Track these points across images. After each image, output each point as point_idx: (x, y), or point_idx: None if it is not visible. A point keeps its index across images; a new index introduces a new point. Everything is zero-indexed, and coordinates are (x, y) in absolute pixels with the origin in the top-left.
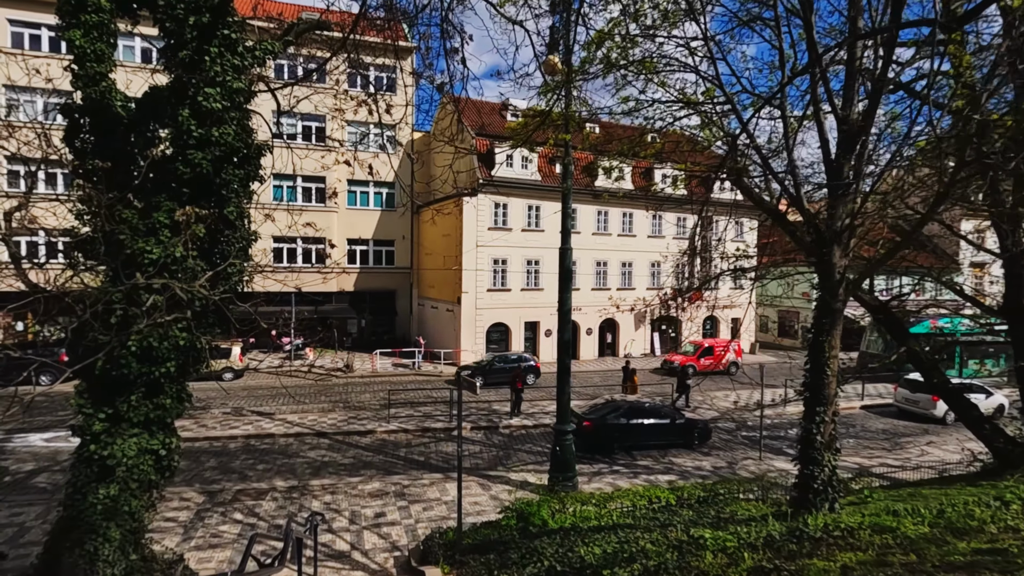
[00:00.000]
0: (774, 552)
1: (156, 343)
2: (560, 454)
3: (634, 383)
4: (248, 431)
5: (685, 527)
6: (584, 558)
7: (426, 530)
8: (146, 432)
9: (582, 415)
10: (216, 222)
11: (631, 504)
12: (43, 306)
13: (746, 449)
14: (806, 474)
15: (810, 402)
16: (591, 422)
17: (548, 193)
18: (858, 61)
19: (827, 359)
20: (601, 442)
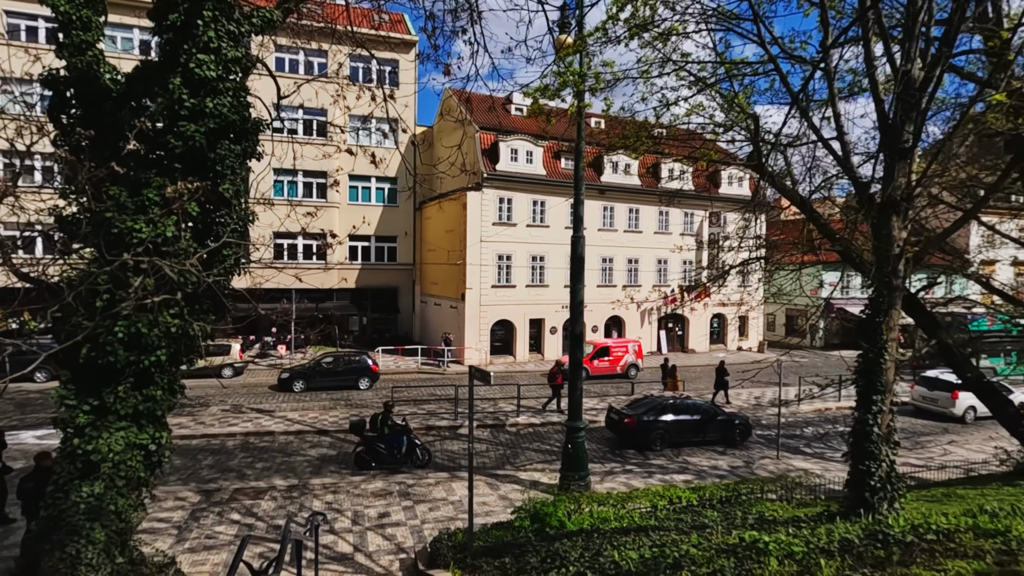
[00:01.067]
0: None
1: (145, 329)
2: (572, 452)
3: (675, 380)
4: (247, 428)
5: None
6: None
7: (433, 531)
8: (134, 425)
9: (622, 412)
10: (210, 199)
11: (650, 504)
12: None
13: (762, 448)
14: (861, 470)
15: (865, 390)
16: (633, 419)
17: (553, 188)
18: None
19: (885, 342)
20: (643, 439)
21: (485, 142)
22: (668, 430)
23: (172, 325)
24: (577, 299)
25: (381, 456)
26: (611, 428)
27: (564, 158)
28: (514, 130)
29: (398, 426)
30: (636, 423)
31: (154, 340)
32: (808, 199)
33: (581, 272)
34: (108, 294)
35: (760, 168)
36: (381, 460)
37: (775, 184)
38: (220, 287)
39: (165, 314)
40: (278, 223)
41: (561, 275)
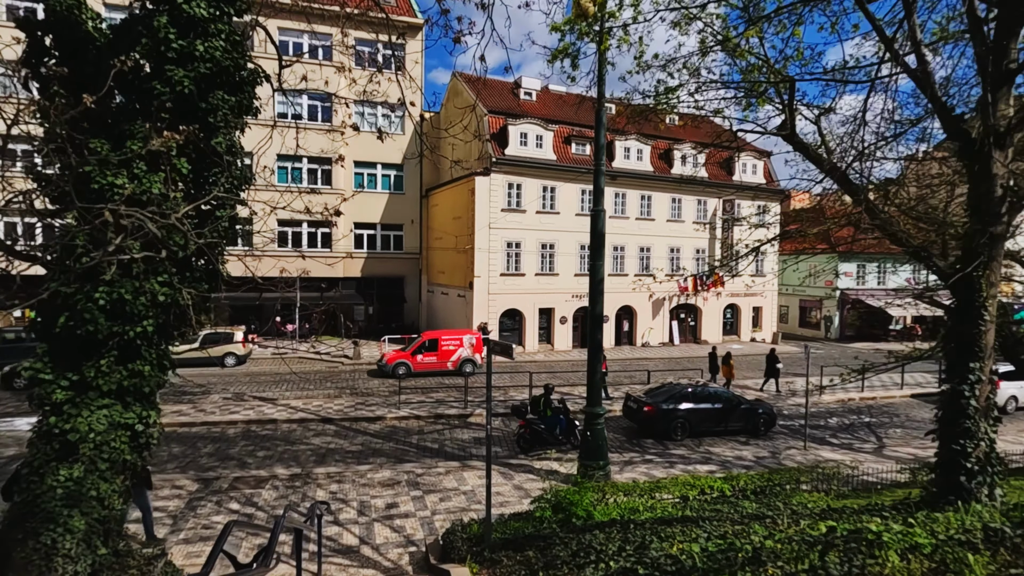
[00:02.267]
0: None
1: (129, 296)
2: (591, 440)
3: (730, 368)
4: (249, 416)
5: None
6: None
7: (444, 523)
8: (119, 403)
9: (641, 400)
10: (201, 154)
11: (680, 494)
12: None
13: (786, 439)
14: (955, 450)
15: (959, 356)
16: (652, 407)
17: (564, 173)
18: None
19: (983, 300)
20: (663, 428)
21: (494, 126)
22: (689, 419)
23: (160, 293)
24: (597, 277)
25: (543, 437)
26: (629, 417)
27: (575, 143)
28: (523, 114)
29: (557, 408)
30: (656, 411)
31: (140, 309)
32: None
33: (602, 248)
34: (88, 258)
35: (791, 138)
36: (543, 441)
37: (809, 155)
38: (214, 252)
39: (152, 281)
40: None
41: (572, 263)
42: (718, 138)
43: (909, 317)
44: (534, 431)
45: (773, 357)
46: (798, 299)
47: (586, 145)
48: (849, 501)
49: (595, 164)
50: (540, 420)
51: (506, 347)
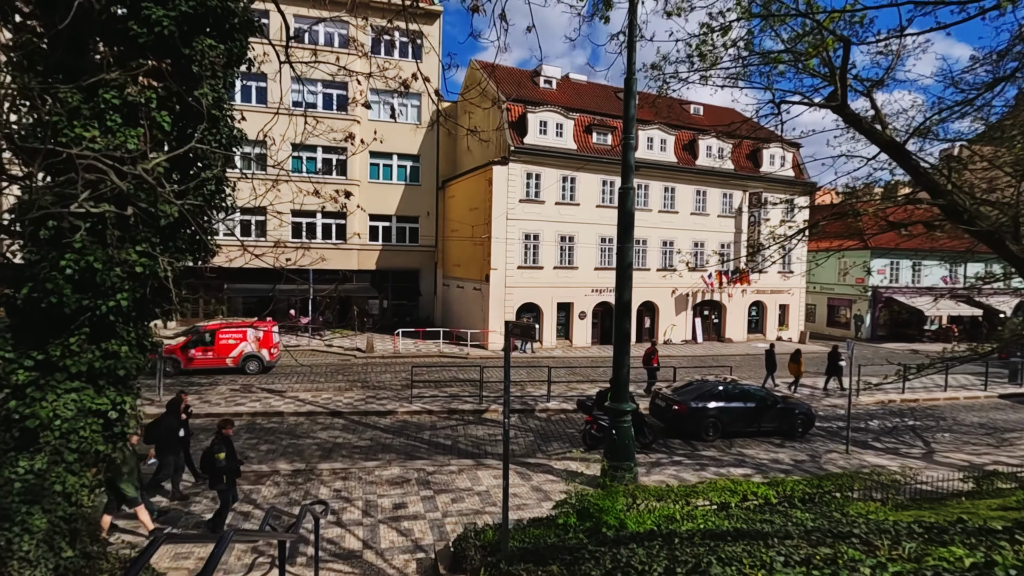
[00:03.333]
0: None
1: (99, 265)
2: (617, 439)
3: (799, 366)
4: (255, 408)
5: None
6: None
7: (456, 526)
8: (90, 387)
9: (671, 398)
10: (186, 108)
11: (719, 501)
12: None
13: (825, 441)
14: None
15: None
16: (683, 406)
17: (584, 163)
18: None
19: None
20: (694, 428)
21: (513, 114)
22: (721, 419)
23: (137, 263)
24: (626, 260)
25: (604, 434)
26: (657, 416)
27: (596, 132)
28: (543, 102)
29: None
30: (686, 410)
31: (114, 281)
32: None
33: (630, 230)
34: (54, 222)
35: (842, 109)
36: (607, 437)
37: (862, 128)
38: (199, 218)
39: (129, 250)
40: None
41: (592, 256)
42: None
43: (945, 317)
44: (601, 427)
45: (835, 354)
46: (826, 297)
47: (607, 134)
48: (916, 512)
49: (624, 138)
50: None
51: (527, 328)
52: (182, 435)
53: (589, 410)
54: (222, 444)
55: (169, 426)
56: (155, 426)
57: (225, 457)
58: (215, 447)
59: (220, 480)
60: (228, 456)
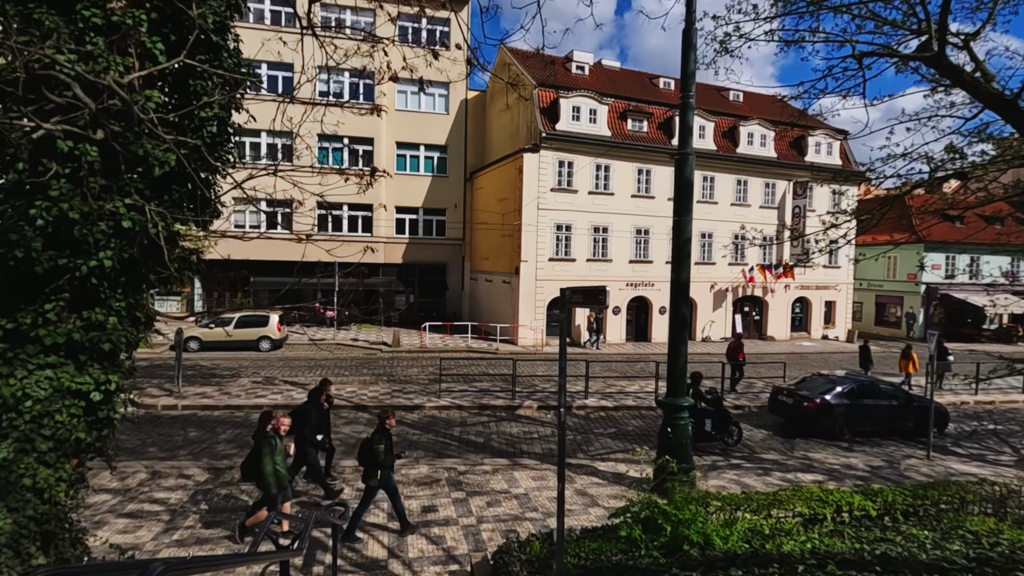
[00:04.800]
0: None
1: (76, 215)
2: (672, 438)
3: (911, 361)
4: (276, 401)
5: None
6: None
7: (492, 534)
8: (69, 363)
9: (800, 393)
10: (184, 34)
11: (807, 512)
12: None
13: (899, 445)
14: None
15: None
16: (816, 403)
17: (619, 151)
18: None
19: None
20: (827, 426)
21: (544, 100)
22: (856, 417)
23: (125, 218)
24: (683, 236)
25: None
26: (779, 413)
27: (631, 119)
28: (575, 87)
29: (710, 400)
30: (819, 408)
31: (97, 236)
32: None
33: (689, 200)
34: (26, 165)
35: (938, 60)
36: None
37: (962, 82)
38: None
39: (117, 201)
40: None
41: (626, 248)
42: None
43: (1006, 316)
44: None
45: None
46: (874, 294)
47: (643, 121)
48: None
49: (683, 96)
50: (689, 413)
51: (594, 292)
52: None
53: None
54: (382, 436)
55: (310, 416)
56: (296, 415)
57: (384, 450)
58: (375, 438)
59: (374, 475)
60: (386, 449)
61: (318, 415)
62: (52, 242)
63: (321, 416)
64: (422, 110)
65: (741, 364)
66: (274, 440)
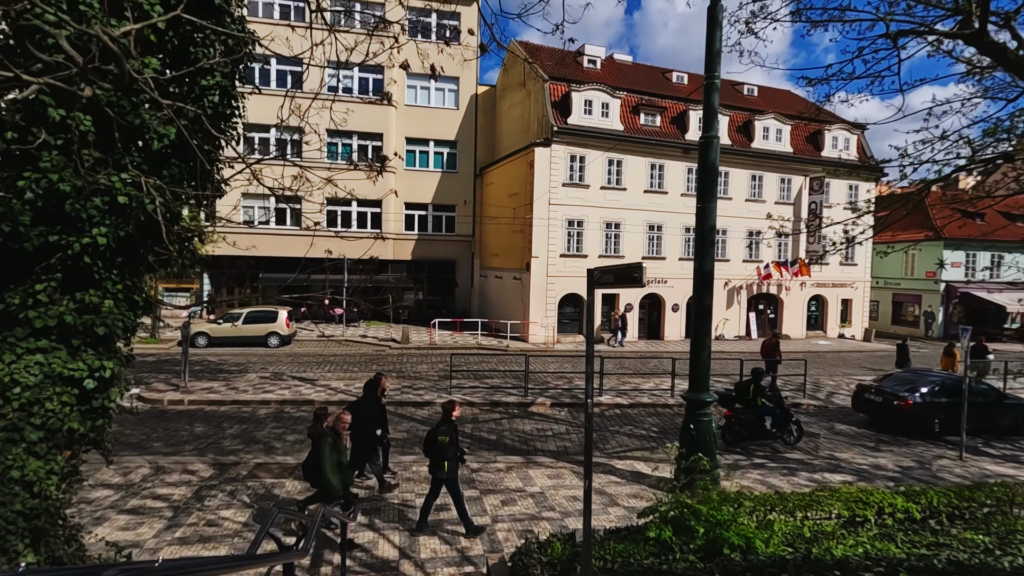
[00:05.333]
0: None
1: (66, 187)
2: (695, 435)
3: (953, 360)
4: (284, 396)
5: None
6: None
7: (508, 534)
8: (62, 347)
9: (890, 392)
10: None
11: (845, 514)
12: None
13: (926, 445)
14: None
15: None
16: (910, 401)
17: (631, 145)
18: None
19: None
20: (921, 424)
21: (555, 94)
22: (954, 415)
23: (120, 192)
24: (708, 224)
25: (754, 430)
26: (865, 410)
27: (644, 113)
28: (587, 81)
29: (770, 397)
30: (915, 406)
31: (91, 213)
32: None
33: (713, 187)
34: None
35: (978, 38)
36: (754, 434)
37: (1005, 61)
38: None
39: (111, 174)
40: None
41: (639, 244)
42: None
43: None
44: (743, 422)
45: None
46: (891, 293)
47: (656, 115)
48: None
49: (707, 77)
50: (749, 410)
51: (627, 271)
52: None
53: (730, 403)
54: (448, 427)
55: (368, 410)
56: (354, 409)
57: (449, 443)
58: (440, 429)
59: (441, 467)
60: (452, 442)
61: (375, 408)
62: (42, 217)
63: (379, 409)
64: (431, 105)
65: (778, 362)
66: (335, 438)
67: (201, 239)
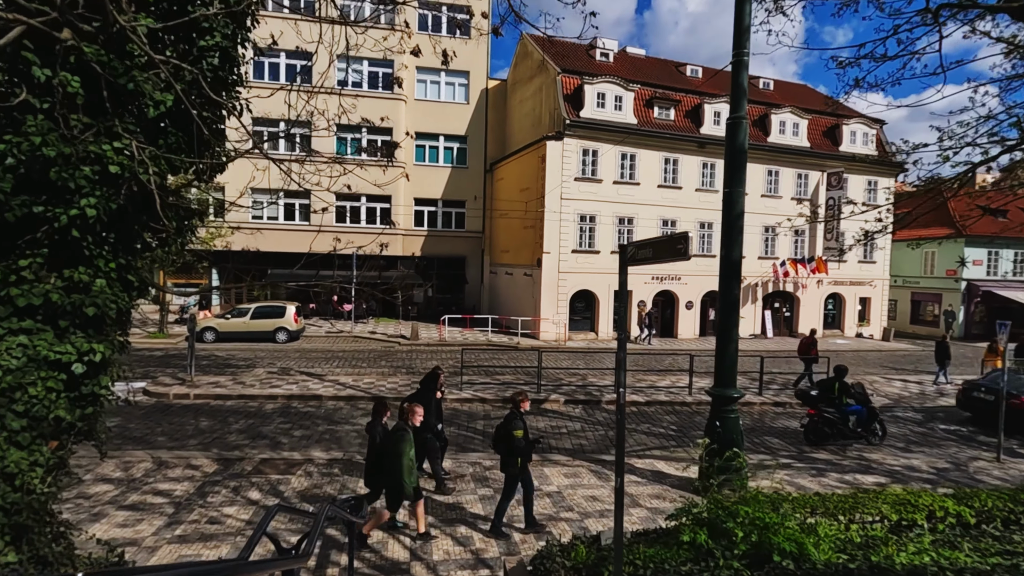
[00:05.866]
0: None
1: (52, 152)
2: (722, 432)
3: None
4: (291, 391)
5: None
6: None
7: (526, 535)
8: (48, 329)
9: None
10: None
11: (894, 517)
12: None
13: (961, 446)
14: None
15: None
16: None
17: (645, 139)
18: None
19: None
20: None
21: (568, 87)
22: None
23: (112, 161)
24: (736, 210)
25: (839, 429)
26: (970, 408)
27: (658, 106)
28: (600, 73)
29: (855, 394)
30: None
31: (80, 182)
32: None
33: (743, 170)
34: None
35: None
36: (839, 434)
37: None
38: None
39: (103, 142)
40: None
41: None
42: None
43: None
44: (829, 421)
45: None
46: (909, 291)
47: (670, 109)
48: None
49: (735, 53)
50: (835, 408)
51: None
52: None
53: (813, 401)
54: (520, 420)
55: (429, 404)
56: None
57: (523, 435)
58: (513, 423)
59: (514, 463)
60: (525, 435)
61: (435, 403)
62: (25, 185)
63: (436, 404)
64: (441, 99)
65: (815, 360)
66: (409, 434)
67: (202, 219)
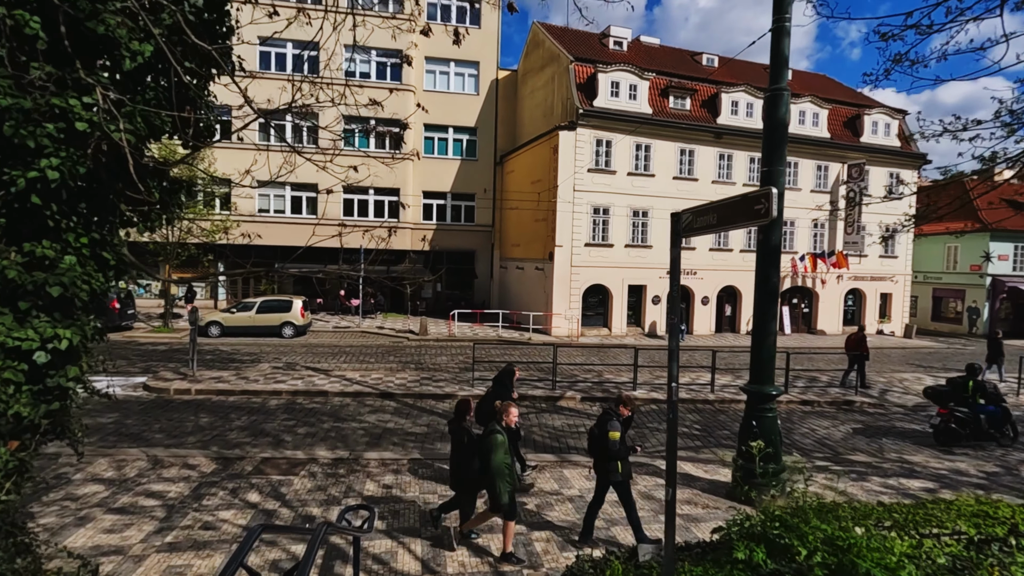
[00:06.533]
0: None
1: (4, 101)
2: (759, 433)
3: None
4: (296, 387)
5: None
6: None
7: (548, 544)
8: (6, 311)
9: None
10: None
11: (970, 531)
12: None
13: (1007, 448)
14: None
15: None
16: None
17: (660, 129)
18: None
19: None
20: None
21: (581, 75)
22: None
23: (80, 117)
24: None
25: (966, 430)
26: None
27: (673, 96)
28: (614, 62)
29: (990, 394)
30: None
31: (41, 140)
32: None
33: (783, 146)
34: None
35: None
36: (969, 435)
37: None
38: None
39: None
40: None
41: (667, 233)
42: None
43: None
44: (962, 421)
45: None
46: (931, 287)
47: (686, 98)
48: None
49: (776, 19)
50: (968, 408)
51: (741, 203)
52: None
53: (944, 400)
54: (617, 421)
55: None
56: (486, 402)
57: (620, 438)
58: (607, 424)
59: (614, 468)
60: (623, 438)
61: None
62: None
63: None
64: (451, 90)
65: (864, 357)
66: (504, 436)
67: (190, 192)
